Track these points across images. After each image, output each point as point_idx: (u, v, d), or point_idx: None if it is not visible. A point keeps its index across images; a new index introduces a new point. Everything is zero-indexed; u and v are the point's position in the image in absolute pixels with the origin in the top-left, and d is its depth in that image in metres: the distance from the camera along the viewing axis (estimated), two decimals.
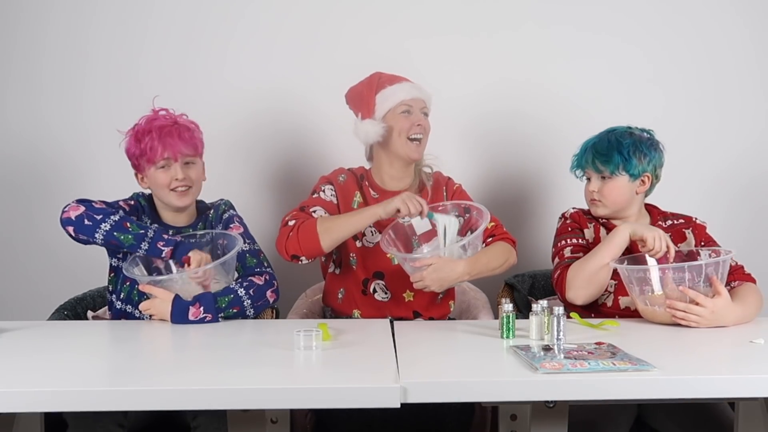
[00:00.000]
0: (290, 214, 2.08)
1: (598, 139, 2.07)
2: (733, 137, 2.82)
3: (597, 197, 2.06)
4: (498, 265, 2.07)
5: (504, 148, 2.79)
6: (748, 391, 1.41)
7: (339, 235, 2.02)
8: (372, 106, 2.14)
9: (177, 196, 2.03)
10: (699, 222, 2.12)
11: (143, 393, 1.33)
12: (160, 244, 1.94)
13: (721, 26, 2.79)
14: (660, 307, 1.83)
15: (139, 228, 1.94)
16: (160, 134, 1.99)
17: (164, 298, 1.88)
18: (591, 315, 2.01)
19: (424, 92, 2.19)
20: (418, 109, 2.15)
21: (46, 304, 2.19)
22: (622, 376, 1.38)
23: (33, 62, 2.73)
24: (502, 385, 1.38)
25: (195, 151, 2.05)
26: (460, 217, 2.12)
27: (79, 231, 1.92)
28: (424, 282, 1.94)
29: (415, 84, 2.18)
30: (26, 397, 1.32)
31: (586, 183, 2.11)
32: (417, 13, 2.74)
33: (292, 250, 2.01)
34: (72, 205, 1.95)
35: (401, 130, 2.13)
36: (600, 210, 2.08)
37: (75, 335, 1.80)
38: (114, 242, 1.93)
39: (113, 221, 1.92)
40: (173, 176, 2.01)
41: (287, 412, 1.71)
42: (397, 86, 2.15)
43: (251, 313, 1.94)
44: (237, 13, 2.73)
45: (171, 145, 1.99)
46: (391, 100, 2.14)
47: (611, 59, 2.78)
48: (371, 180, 2.23)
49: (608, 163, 2.02)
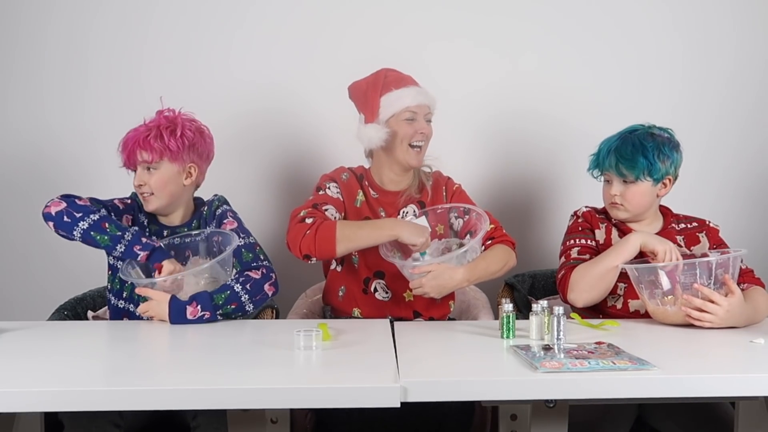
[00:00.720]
0: (304, 210, 2.04)
1: (620, 142, 2.01)
2: (745, 138, 2.81)
3: (619, 201, 2.02)
4: (498, 269, 2.06)
5: (509, 148, 2.79)
6: (749, 391, 1.41)
7: (356, 245, 2.01)
8: (376, 109, 2.11)
9: (144, 201, 2.06)
10: (712, 225, 2.11)
11: (143, 393, 1.33)
12: (136, 248, 1.93)
13: (737, 23, 2.79)
14: (672, 307, 1.82)
15: (118, 229, 1.93)
16: (131, 141, 2.02)
17: (160, 300, 1.88)
18: (599, 317, 2.00)
19: (429, 97, 2.16)
20: (422, 115, 2.13)
21: (46, 304, 2.20)
22: (622, 376, 1.38)
23: (34, 61, 2.73)
24: (502, 384, 1.38)
25: (157, 156, 2.01)
26: (459, 218, 2.14)
27: (59, 227, 1.92)
28: (423, 289, 1.94)
29: (420, 88, 2.15)
30: (26, 397, 1.32)
31: (604, 185, 2.07)
32: (423, 12, 2.74)
33: (306, 250, 1.97)
34: (55, 200, 1.95)
35: (404, 137, 2.11)
36: (621, 214, 2.05)
37: (75, 335, 1.80)
38: (90, 242, 1.93)
39: (92, 220, 1.92)
40: (135, 183, 2.05)
41: (287, 412, 1.71)
42: (403, 91, 2.11)
43: (251, 308, 1.93)
44: (238, 13, 2.73)
45: (131, 153, 2.02)
46: (395, 106, 2.11)
47: (623, 56, 2.77)
48: (371, 180, 2.23)
49: (633, 169, 1.98)
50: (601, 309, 2.03)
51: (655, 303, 1.85)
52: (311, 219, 2.00)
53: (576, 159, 2.69)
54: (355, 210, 2.16)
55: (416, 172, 2.22)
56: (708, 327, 1.77)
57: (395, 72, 2.17)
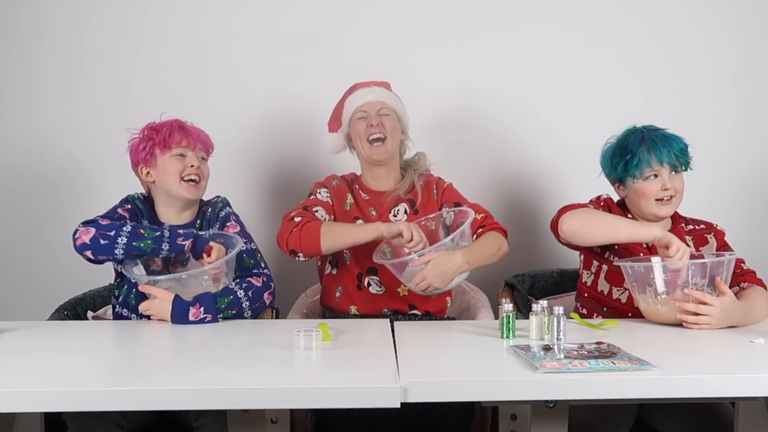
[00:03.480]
0: (294, 211, 2.12)
1: (660, 138, 1.99)
2: (749, 140, 2.81)
3: (672, 192, 2.00)
4: (493, 252, 2.09)
5: (508, 149, 2.79)
6: (749, 391, 1.41)
7: (339, 242, 2.06)
8: (339, 118, 2.24)
9: (187, 188, 2.04)
10: (719, 228, 2.11)
11: (143, 393, 1.32)
12: (179, 240, 1.92)
13: (737, 22, 2.79)
14: (663, 306, 1.82)
15: (153, 231, 1.92)
16: (180, 125, 2.06)
17: (164, 299, 1.87)
18: (603, 309, 2.01)
19: (379, 93, 2.23)
20: (374, 111, 2.20)
21: (46, 304, 2.20)
22: (622, 376, 1.38)
23: (31, 65, 2.73)
24: (502, 384, 1.38)
25: (207, 150, 2.12)
26: (450, 212, 2.19)
27: (98, 252, 1.90)
28: (426, 280, 1.95)
29: (370, 88, 2.23)
30: (26, 397, 1.32)
31: (643, 183, 1.99)
32: (415, 16, 2.74)
33: (292, 245, 2.05)
34: (81, 229, 1.92)
35: (360, 135, 2.20)
36: (672, 208, 2.02)
37: (75, 335, 1.80)
38: (135, 252, 1.91)
39: (127, 233, 1.90)
40: (187, 164, 2.03)
41: (287, 412, 1.71)
42: (354, 95, 2.23)
43: (248, 315, 1.94)
44: (236, 14, 2.73)
45: (190, 134, 2.05)
46: (348, 109, 2.23)
47: (624, 58, 2.78)
48: (361, 183, 2.30)
49: (687, 160, 2.01)
50: (607, 301, 2.04)
51: (646, 302, 1.86)
52: (300, 218, 2.08)
53: (576, 159, 2.71)
54: (345, 212, 2.22)
55: (408, 173, 2.27)
56: (707, 329, 1.77)
57: (362, 82, 2.26)
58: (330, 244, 2.05)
